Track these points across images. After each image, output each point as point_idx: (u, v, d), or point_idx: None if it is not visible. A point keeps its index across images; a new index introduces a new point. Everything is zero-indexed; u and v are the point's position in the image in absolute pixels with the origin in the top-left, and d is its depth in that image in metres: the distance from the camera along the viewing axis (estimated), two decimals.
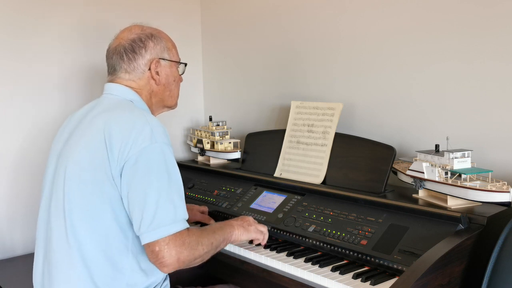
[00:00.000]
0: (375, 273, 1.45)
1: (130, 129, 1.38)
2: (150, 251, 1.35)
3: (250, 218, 1.70)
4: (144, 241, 1.34)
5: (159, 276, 1.48)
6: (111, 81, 1.59)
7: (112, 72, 1.59)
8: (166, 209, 1.35)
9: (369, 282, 1.39)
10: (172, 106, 1.71)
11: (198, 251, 1.40)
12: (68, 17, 2.35)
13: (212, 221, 1.92)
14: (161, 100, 1.64)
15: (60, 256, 1.41)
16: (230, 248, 1.72)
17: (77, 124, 1.52)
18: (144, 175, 1.35)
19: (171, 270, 1.37)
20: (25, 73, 2.24)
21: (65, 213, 1.40)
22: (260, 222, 1.84)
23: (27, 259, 1.58)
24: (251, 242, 1.73)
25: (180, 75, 1.71)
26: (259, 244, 1.72)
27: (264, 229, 1.71)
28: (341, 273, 1.46)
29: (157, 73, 1.59)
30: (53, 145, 1.58)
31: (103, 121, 1.42)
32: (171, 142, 1.45)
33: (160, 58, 1.59)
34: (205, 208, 2.01)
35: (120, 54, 1.56)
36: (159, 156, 1.37)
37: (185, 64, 1.73)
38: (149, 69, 1.58)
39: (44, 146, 2.16)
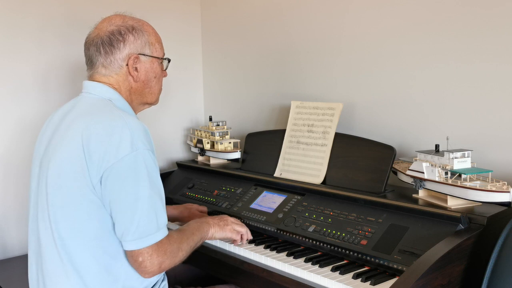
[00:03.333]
0: (375, 273, 1.45)
1: (109, 135, 1.33)
2: (133, 260, 1.35)
3: (229, 218, 1.72)
4: (127, 248, 1.34)
5: (156, 277, 1.47)
6: (90, 78, 1.53)
7: (89, 65, 1.52)
8: (149, 218, 1.34)
9: (369, 282, 1.39)
10: (153, 103, 1.63)
11: (178, 257, 1.42)
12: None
13: None
14: (140, 96, 1.56)
15: (52, 267, 1.38)
16: (230, 248, 1.72)
17: (55, 128, 1.46)
18: (125, 184, 1.32)
19: (152, 277, 1.40)
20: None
21: (51, 223, 1.37)
22: (260, 222, 1.85)
23: (24, 260, 1.57)
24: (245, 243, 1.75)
25: (163, 70, 1.62)
26: (260, 244, 1.72)
27: (242, 229, 1.72)
28: (341, 273, 1.46)
29: (136, 69, 1.51)
30: (35, 149, 1.53)
31: (81, 126, 1.36)
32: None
33: (139, 54, 1.50)
34: (204, 208, 2.01)
35: (97, 47, 1.48)
36: (140, 164, 1.33)
37: (169, 60, 1.63)
38: (127, 64, 1.49)
39: (32, 145, 2.14)
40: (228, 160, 2.40)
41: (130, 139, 1.33)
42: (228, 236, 1.69)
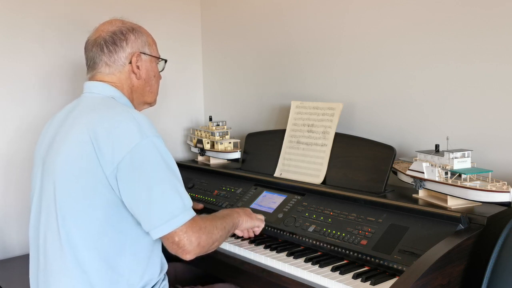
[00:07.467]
0: (375, 273, 1.45)
1: (116, 127, 1.35)
2: (170, 243, 1.35)
3: (247, 209, 1.74)
4: (159, 234, 1.33)
5: (155, 274, 1.47)
6: (91, 78, 1.55)
7: (92, 66, 1.55)
8: (174, 199, 1.35)
9: (369, 282, 1.39)
10: (152, 103, 1.68)
11: (214, 235, 1.43)
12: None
13: None
14: (141, 95, 1.61)
15: (56, 264, 1.38)
16: (230, 248, 1.72)
17: (58, 127, 1.47)
18: (143, 172, 1.33)
19: (193, 257, 1.38)
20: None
21: (57, 219, 1.37)
22: None
23: (25, 260, 1.57)
24: (245, 239, 1.76)
25: (159, 72, 1.68)
26: (260, 244, 1.72)
27: (262, 217, 1.76)
28: (341, 273, 1.46)
29: (138, 67, 1.56)
30: (36, 150, 1.54)
31: (87, 122, 1.38)
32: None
33: (141, 52, 1.57)
34: (200, 206, 2.05)
35: (101, 46, 1.52)
36: (153, 150, 1.35)
37: (165, 61, 1.70)
38: (130, 62, 1.55)
39: (33, 146, 2.15)
40: (228, 160, 2.40)
41: (138, 128, 1.35)
42: (256, 225, 1.71)
